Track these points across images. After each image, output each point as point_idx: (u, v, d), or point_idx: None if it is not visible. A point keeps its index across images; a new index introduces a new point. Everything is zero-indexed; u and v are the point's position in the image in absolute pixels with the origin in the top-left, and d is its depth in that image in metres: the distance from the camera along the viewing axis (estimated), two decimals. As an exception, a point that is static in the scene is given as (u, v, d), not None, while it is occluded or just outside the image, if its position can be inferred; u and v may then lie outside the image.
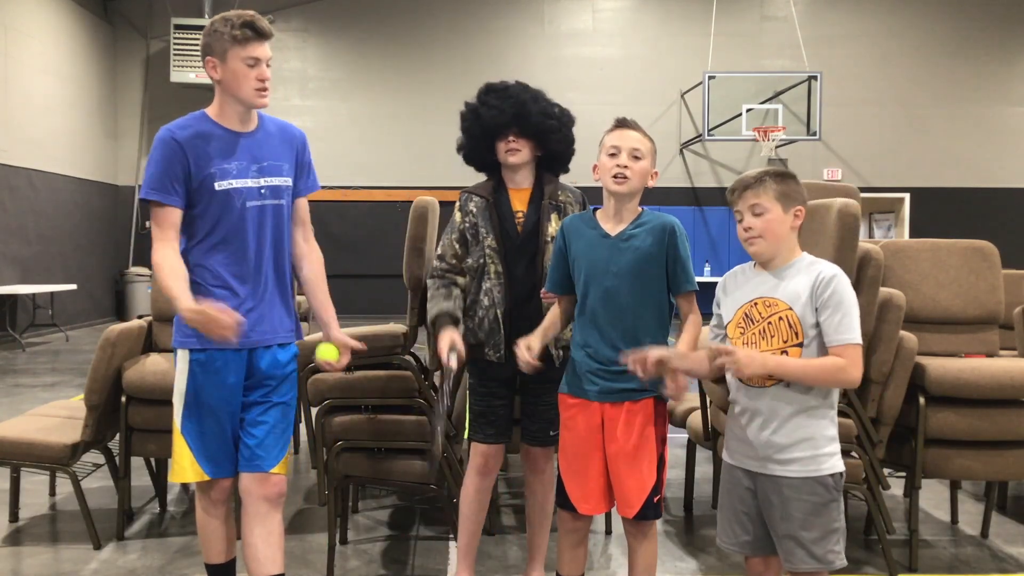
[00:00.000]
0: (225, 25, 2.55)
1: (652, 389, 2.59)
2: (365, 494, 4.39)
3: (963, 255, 3.80)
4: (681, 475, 4.42)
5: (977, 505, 4.31)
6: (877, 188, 15.01)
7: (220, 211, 2.63)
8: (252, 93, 2.61)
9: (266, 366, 2.72)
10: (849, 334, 2.28)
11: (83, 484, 3.79)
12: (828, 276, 2.31)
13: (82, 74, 13.93)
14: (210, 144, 2.62)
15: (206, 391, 2.66)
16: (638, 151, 2.60)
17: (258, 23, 2.58)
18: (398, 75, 14.95)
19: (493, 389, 3.03)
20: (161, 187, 2.58)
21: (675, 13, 15.27)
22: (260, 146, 2.70)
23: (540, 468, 3.11)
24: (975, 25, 15.27)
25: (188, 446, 2.67)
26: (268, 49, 2.62)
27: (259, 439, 2.70)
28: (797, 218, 2.37)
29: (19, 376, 8.71)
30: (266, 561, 2.70)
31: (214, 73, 2.61)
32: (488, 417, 3.03)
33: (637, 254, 2.60)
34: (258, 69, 2.58)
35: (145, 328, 4.07)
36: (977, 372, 3.38)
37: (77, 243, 13.52)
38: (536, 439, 3.06)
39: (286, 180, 2.74)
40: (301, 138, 2.84)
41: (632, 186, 2.61)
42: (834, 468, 2.33)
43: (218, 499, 2.76)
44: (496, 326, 2.97)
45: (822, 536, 2.30)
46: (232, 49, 2.55)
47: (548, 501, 3.11)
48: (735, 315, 2.43)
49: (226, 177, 2.62)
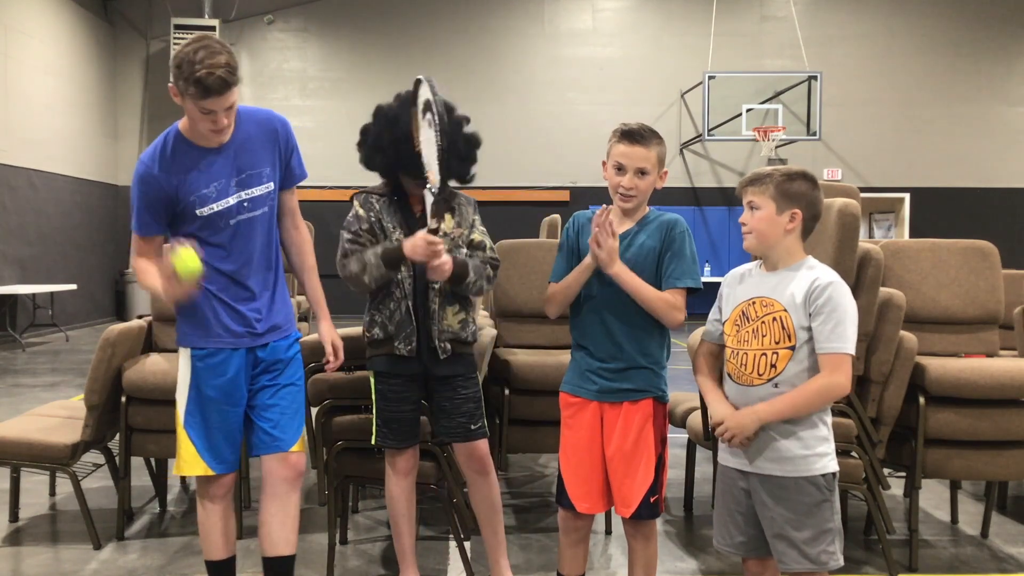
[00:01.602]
0: (183, 69, 2.43)
1: (651, 389, 2.59)
2: (365, 494, 4.38)
3: (963, 255, 3.80)
4: (681, 475, 4.42)
5: (977, 505, 4.31)
6: (877, 188, 15.01)
7: (207, 231, 2.66)
8: (208, 135, 2.57)
9: (267, 354, 2.76)
10: (839, 343, 2.27)
11: (83, 484, 3.79)
12: (824, 283, 2.29)
13: (82, 74, 13.93)
14: (187, 169, 2.60)
15: (208, 386, 2.68)
16: (644, 168, 2.59)
17: (209, 81, 2.40)
18: (398, 75, 14.90)
19: (403, 393, 2.95)
20: (143, 224, 2.66)
21: (675, 13, 15.27)
22: (238, 155, 2.66)
23: (482, 468, 3.02)
24: (975, 25, 15.28)
25: (191, 441, 2.69)
26: (229, 98, 2.48)
27: (274, 421, 2.74)
28: (793, 221, 2.35)
29: (19, 376, 8.71)
30: (279, 542, 2.74)
31: (177, 99, 2.55)
32: (396, 424, 2.96)
33: (640, 252, 2.60)
34: (212, 117, 2.50)
35: (145, 328, 4.08)
36: (977, 372, 3.37)
37: (77, 243, 13.52)
38: (456, 435, 2.99)
39: (267, 187, 2.72)
40: (283, 126, 2.76)
41: (638, 202, 2.64)
42: (826, 468, 2.32)
43: (218, 495, 2.76)
44: (408, 318, 2.90)
45: (815, 537, 2.29)
46: (186, 96, 2.48)
47: (494, 498, 3.04)
48: (732, 312, 2.44)
49: (207, 203, 2.62)
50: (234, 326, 2.69)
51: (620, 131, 2.62)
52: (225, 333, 2.69)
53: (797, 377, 2.31)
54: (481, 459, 3.02)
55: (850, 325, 2.29)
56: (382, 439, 2.99)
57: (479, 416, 3.02)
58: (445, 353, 2.93)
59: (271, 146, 2.73)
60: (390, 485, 3.05)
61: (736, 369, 2.41)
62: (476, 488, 3.07)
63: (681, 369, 4.40)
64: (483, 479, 3.04)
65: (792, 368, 2.31)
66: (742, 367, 2.39)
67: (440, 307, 2.92)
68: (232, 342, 2.69)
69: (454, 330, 2.95)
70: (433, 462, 3.51)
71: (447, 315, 2.94)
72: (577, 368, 2.69)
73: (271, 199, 2.74)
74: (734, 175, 15.25)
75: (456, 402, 2.97)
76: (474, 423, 2.99)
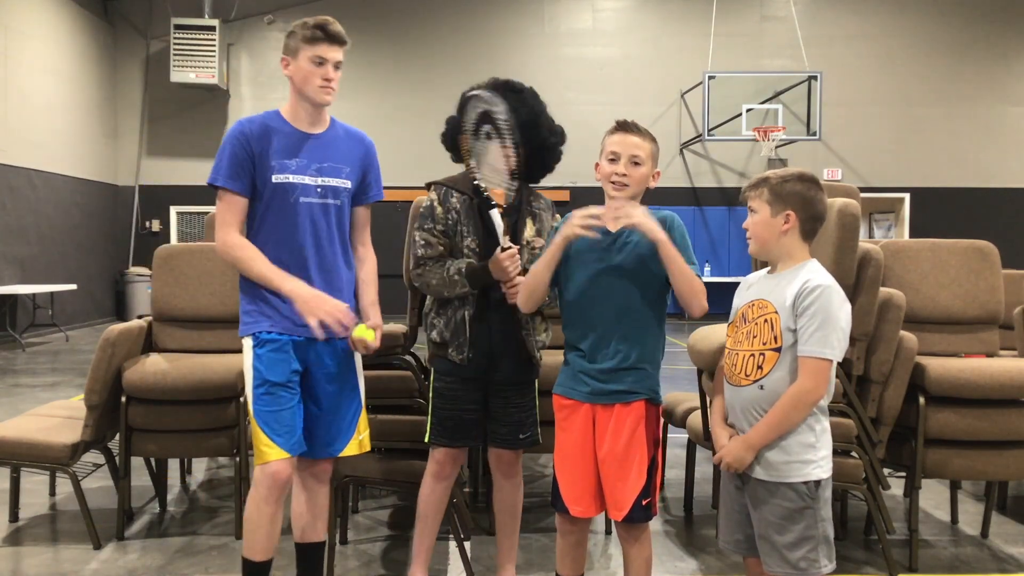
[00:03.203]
0: (302, 27, 2.77)
1: (642, 391, 2.58)
2: (365, 494, 4.39)
3: (963, 255, 3.80)
4: (681, 475, 4.42)
5: (977, 505, 4.31)
6: (877, 188, 15.01)
7: (275, 203, 2.75)
8: (316, 90, 2.77)
9: (315, 357, 2.80)
10: (818, 347, 2.24)
11: (83, 484, 3.79)
12: (813, 286, 2.27)
13: (82, 74, 13.94)
14: (276, 139, 2.77)
15: (270, 371, 2.72)
16: (637, 157, 2.58)
17: (330, 27, 2.77)
18: (398, 75, 14.96)
19: (460, 393, 2.96)
20: (230, 175, 2.75)
21: (675, 13, 15.27)
22: (325, 148, 2.83)
23: (510, 472, 3.07)
24: (975, 25, 15.28)
25: (261, 429, 2.71)
26: (339, 53, 2.79)
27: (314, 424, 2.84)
28: (787, 222, 2.35)
29: (19, 376, 8.71)
30: (308, 528, 2.93)
31: (287, 71, 2.81)
32: (453, 423, 2.97)
33: (634, 253, 2.57)
34: (323, 68, 2.75)
35: (145, 328, 4.08)
36: (977, 372, 3.37)
37: (77, 243, 13.52)
38: (506, 442, 3.01)
39: (345, 182, 2.85)
40: (370, 145, 2.96)
41: (631, 192, 2.61)
42: (808, 476, 2.29)
43: (274, 487, 2.72)
44: (463, 327, 2.92)
45: (796, 543, 2.29)
46: (302, 48, 2.75)
47: (517, 504, 3.10)
48: (735, 315, 2.46)
49: (284, 171, 2.76)
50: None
51: (614, 125, 2.64)
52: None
53: (781, 380, 2.30)
54: (510, 463, 3.05)
55: (834, 332, 2.25)
56: (434, 437, 3.01)
57: (530, 424, 3.04)
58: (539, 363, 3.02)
59: (354, 154, 2.90)
60: (427, 485, 3.05)
61: (729, 369, 2.43)
62: (500, 491, 3.10)
63: (681, 369, 4.40)
64: (509, 482, 3.08)
65: (777, 371, 2.31)
66: (733, 367, 2.41)
67: (531, 319, 2.97)
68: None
69: (542, 339, 3.03)
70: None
71: (536, 326, 3.00)
72: (569, 369, 2.68)
73: (346, 195, 2.86)
74: (734, 175, 15.25)
75: (511, 411, 2.99)
76: (523, 432, 3.01)
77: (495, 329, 2.92)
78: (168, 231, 15.04)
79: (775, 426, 2.29)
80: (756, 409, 2.34)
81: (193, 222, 15.11)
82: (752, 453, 2.32)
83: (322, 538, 3.00)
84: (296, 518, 2.94)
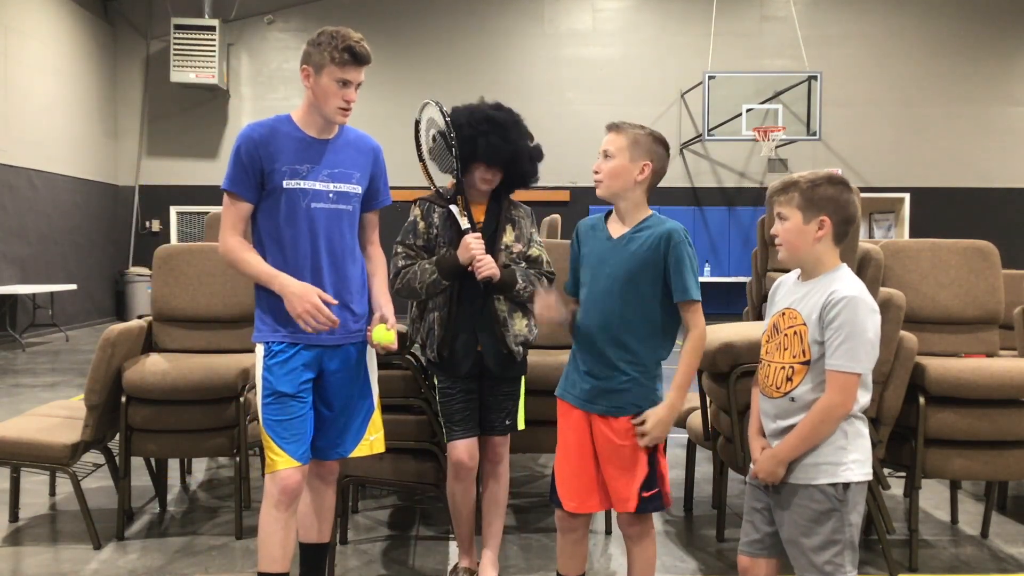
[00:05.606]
0: (331, 41, 2.68)
1: (629, 408, 2.57)
2: (365, 494, 4.39)
3: (963, 255, 3.80)
4: (681, 475, 4.42)
5: (977, 505, 4.31)
6: (877, 188, 15.01)
7: (285, 209, 2.73)
8: (335, 111, 2.74)
9: (329, 363, 2.80)
10: (844, 361, 2.21)
11: (83, 484, 3.80)
12: (839, 297, 2.23)
13: (82, 74, 13.93)
14: (286, 145, 2.75)
15: (280, 382, 2.71)
16: (607, 151, 2.62)
17: (359, 49, 2.70)
18: (398, 75, 14.94)
19: (456, 386, 3.11)
20: (234, 180, 2.73)
21: (675, 13, 15.27)
22: (335, 153, 2.82)
23: (497, 458, 3.20)
24: (975, 25, 15.28)
25: (271, 438, 2.71)
26: (363, 74, 2.75)
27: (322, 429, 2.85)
28: (822, 228, 2.30)
29: (19, 376, 8.71)
30: (312, 529, 2.94)
31: (306, 81, 2.74)
32: (458, 415, 3.11)
33: (632, 258, 2.56)
34: (346, 90, 2.72)
35: (145, 328, 4.08)
36: (977, 372, 3.38)
37: (77, 243, 13.52)
38: (495, 429, 3.17)
39: (355, 187, 2.84)
40: (379, 150, 2.95)
41: (609, 187, 2.61)
42: (836, 478, 2.27)
43: (284, 495, 2.71)
44: (433, 328, 3.10)
45: (822, 546, 2.27)
46: (328, 67, 2.68)
47: (500, 491, 3.22)
48: (768, 325, 2.44)
49: (295, 177, 2.74)
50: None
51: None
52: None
53: (811, 392, 2.28)
54: (495, 450, 3.19)
55: (861, 345, 2.21)
56: (449, 435, 3.12)
57: (512, 411, 3.20)
58: (519, 356, 3.13)
59: (364, 159, 2.89)
60: (451, 484, 3.16)
61: (762, 380, 2.42)
62: (485, 479, 3.23)
63: (681, 369, 4.37)
64: (492, 469, 3.20)
65: (806, 383, 2.29)
66: (766, 379, 2.40)
67: (509, 314, 3.10)
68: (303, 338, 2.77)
69: (523, 334, 3.14)
70: (433, 462, 3.51)
71: (516, 321, 3.11)
72: (568, 372, 2.71)
73: (356, 200, 2.85)
74: (734, 175, 15.25)
75: (500, 399, 3.16)
76: (510, 418, 3.18)
77: (470, 327, 3.07)
78: (168, 231, 15.03)
79: (804, 439, 2.28)
80: (788, 420, 2.33)
81: (193, 222, 15.10)
82: (783, 467, 2.31)
83: (326, 539, 2.99)
84: (301, 518, 2.92)
